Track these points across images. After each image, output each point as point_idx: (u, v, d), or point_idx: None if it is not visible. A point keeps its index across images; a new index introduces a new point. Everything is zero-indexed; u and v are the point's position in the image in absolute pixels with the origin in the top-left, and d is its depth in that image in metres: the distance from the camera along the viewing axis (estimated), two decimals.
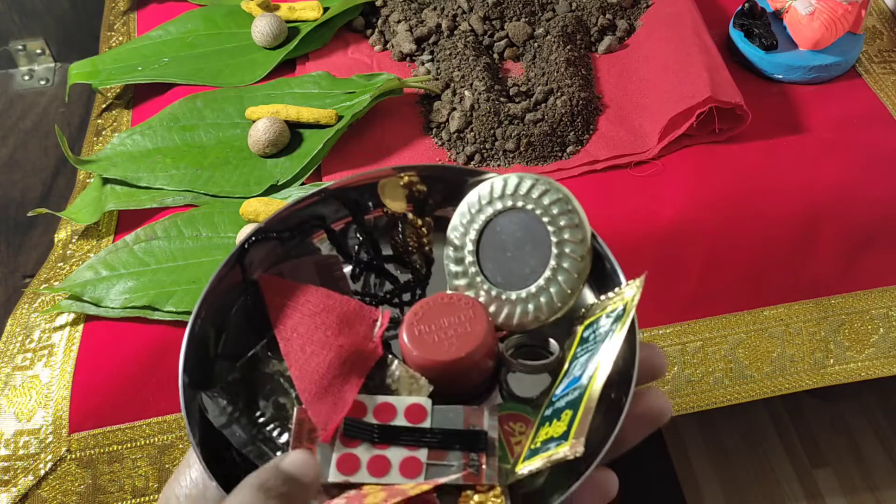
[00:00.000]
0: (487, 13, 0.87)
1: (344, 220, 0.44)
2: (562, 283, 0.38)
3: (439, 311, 0.38)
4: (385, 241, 0.44)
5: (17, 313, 0.72)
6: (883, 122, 0.78)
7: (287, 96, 0.82)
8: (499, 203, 0.40)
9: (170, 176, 0.76)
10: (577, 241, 0.39)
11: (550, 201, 0.39)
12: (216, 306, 0.40)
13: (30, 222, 1.06)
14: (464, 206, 0.41)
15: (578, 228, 0.39)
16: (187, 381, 0.37)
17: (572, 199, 0.39)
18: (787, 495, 0.93)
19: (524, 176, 0.40)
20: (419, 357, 0.37)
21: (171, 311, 0.67)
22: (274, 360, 0.39)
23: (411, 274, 0.43)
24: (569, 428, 0.33)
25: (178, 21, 0.92)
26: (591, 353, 0.35)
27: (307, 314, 0.39)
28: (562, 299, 0.38)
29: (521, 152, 0.76)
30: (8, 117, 1.20)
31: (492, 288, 0.39)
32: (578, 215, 0.39)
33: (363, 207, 0.43)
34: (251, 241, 0.40)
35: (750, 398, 0.73)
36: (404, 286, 0.43)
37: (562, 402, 0.35)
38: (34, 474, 0.64)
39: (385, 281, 0.43)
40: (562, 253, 0.38)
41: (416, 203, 0.43)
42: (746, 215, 0.72)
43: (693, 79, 0.76)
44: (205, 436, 0.37)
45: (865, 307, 0.74)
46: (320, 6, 0.90)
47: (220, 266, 0.39)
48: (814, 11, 0.82)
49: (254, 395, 0.38)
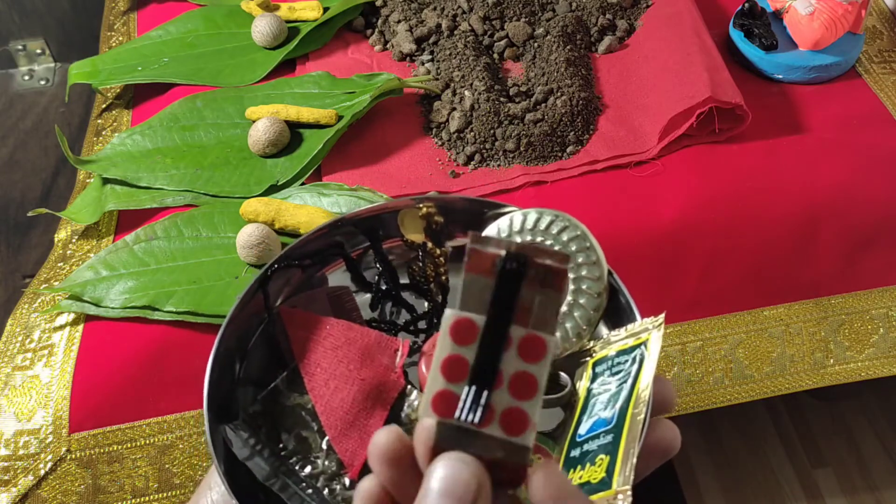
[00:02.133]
0: (487, 13, 0.87)
1: (361, 248, 0.44)
2: (577, 319, 0.38)
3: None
4: (402, 270, 0.44)
5: (17, 313, 0.72)
6: (883, 122, 0.78)
7: (287, 96, 0.82)
8: (517, 238, 0.40)
9: (170, 176, 0.76)
10: (595, 278, 0.39)
11: (569, 238, 0.39)
12: (238, 334, 0.40)
13: (30, 222, 1.06)
14: None
15: (596, 266, 0.39)
16: (211, 415, 0.37)
17: (590, 236, 0.40)
18: (787, 495, 0.92)
19: (544, 212, 0.40)
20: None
21: (171, 311, 0.67)
22: (295, 394, 0.39)
23: (428, 302, 0.44)
24: (608, 475, 0.32)
25: (178, 21, 0.92)
26: (612, 394, 0.35)
27: (329, 348, 0.39)
28: (577, 334, 0.39)
29: (521, 152, 0.76)
30: (8, 117, 1.20)
31: None
32: (596, 252, 0.39)
33: (381, 236, 0.44)
34: (274, 268, 0.40)
35: (750, 398, 0.73)
36: (421, 315, 0.43)
37: (592, 444, 0.34)
38: (34, 474, 0.64)
39: (402, 309, 0.44)
40: (578, 289, 0.39)
41: (434, 233, 0.43)
42: (746, 215, 0.72)
43: (693, 79, 0.76)
44: (227, 463, 0.37)
45: (865, 307, 0.74)
46: (320, 6, 0.90)
47: (242, 293, 0.40)
48: (814, 11, 0.82)
49: (275, 429, 0.38)
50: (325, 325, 0.40)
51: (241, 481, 0.37)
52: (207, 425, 0.37)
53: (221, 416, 0.38)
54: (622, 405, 0.34)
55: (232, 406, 0.39)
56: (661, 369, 0.72)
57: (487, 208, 0.42)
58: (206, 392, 0.37)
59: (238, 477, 0.37)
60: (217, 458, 0.36)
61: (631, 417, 0.34)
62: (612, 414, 0.35)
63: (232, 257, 0.70)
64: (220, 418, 0.38)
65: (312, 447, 0.38)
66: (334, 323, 0.40)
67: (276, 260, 0.41)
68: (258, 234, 0.68)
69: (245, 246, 0.68)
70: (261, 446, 0.37)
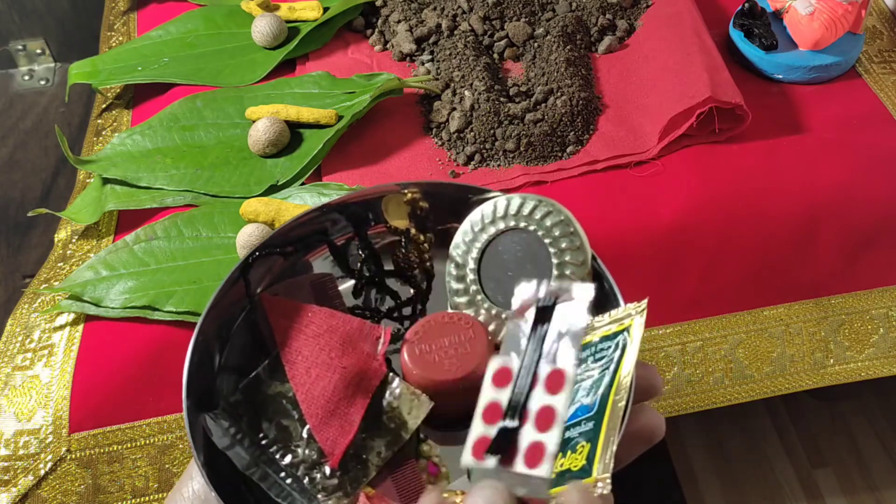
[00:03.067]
0: (487, 13, 0.87)
1: (346, 235, 0.44)
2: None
3: (440, 331, 0.38)
4: (387, 257, 0.44)
5: (17, 313, 0.72)
6: (883, 122, 0.78)
7: (287, 96, 0.82)
8: (501, 223, 0.40)
9: (170, 176, 0.76)
10: (578, 263, 0.39)
11: (552, 223, 0.39)
12: (219, 322, 0.40)
13: (30, 222, 1.06)
14: (467, 224, 0.41)
15: (579, 251, 0.39)
16: (190, 403, 0.37)
17: (574, 221, 0.39)
18: (787, 495, 0.93)
19: (527, 197, 0.40)
20: (419, 376, 0.38)
21: (171, 311, 0.67)
22: (276, 382, 0.39)
23: (412, 289, 0.43)
24: (588, 463, 0.33)
25: (178, 21, 0.92)
26: (595, 380, 0.35)
27: (311, 335, 0.39)
28: None
29: (521, 152, 0.76)
30: (8, 117, 1.20)
31: (492, 307, 0.40)
32: (580, 238, 0.39)
33: (366, 222, 0.44)
34: (255, 255, 0.40)
35: (750, 398, 0.73)
36: (405, 301, 0.43)
37: (573, 431, 0.35)
38: (34, 474, 0.64)
39: (386, 296, 0.44)
40: (562, 275, 0.39)
41: (418, 219, 0.43)
42: (746, 215, 0.72)
43: (693, 79, 0.76)
44: (208, 453, 0.37)
45: (865, 307, 0.74)
46: (320, 6, 0.90)
47: (223, 282, 0.40)
48: (814, 11, 0.82)
49: (256, 417, 0.38)
50: (307, 312, 0.40)
51: (221, 471, 0.37)
52: (186, 415, 0.36)
53: (201, 405, 0.38)
54: (604, 392, 0.35)
55: (213, 395, 0.39)
56: (661, 369, 0.72)
57: (472, 193, 0.42)
58: (186, 380, 0.37)
59: (218, 467, 0.37)
60: (196, 448, 0.36)
61: (612, 404, 0.34)
62: (593, 401, 0.35)
63: (232, 257, 0.70)
64: (200, 407, 0.38)
65: (293, 436, 0.38)
66: (316, 310, 0.40)
67: (257, 248, 0.41)
68: (258, 234, 0.68)
69: (245, 246, 0.68)
70: (241, 435, 0.37)
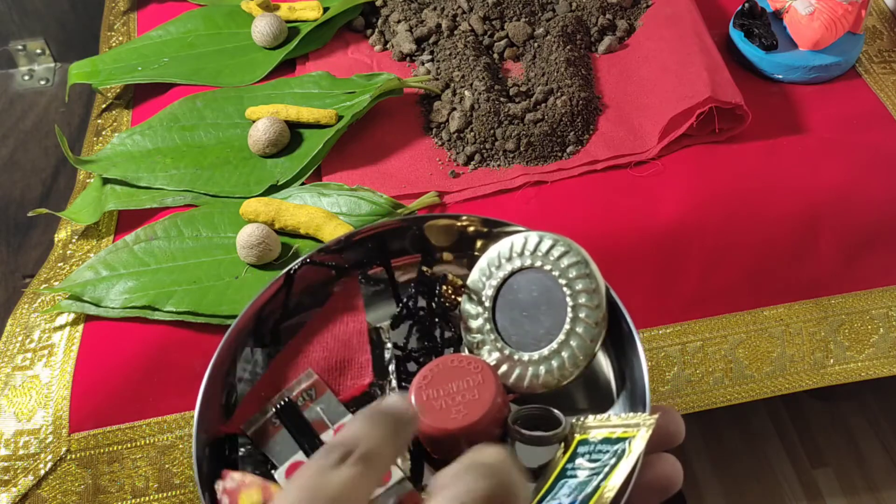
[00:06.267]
0: (487, 13, 0.87)
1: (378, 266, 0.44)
2: (574, 349, 0.38)
3: (448, 375, 0.38)
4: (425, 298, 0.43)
5: (17, 313, 0.72)
6: (883, 122, 0.78)
7: (287, 96, 0.82)
8: (518, 261, 0.40)
9: (170, 176, 0.76)
10: (593, 306, 0.38)
11: (569, 263, 0.39)
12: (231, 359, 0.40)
13: (30, 222, 1.06)
14: (483, 261, 0.41)
15: (595, 294, 0.38)
16: (203, 455, 0.36)
17: (591, 263, 0.39)
18: (787, 495, 0.92)
19: (544, 235, 0.40)
20: (425, 424, 0.37)
21: (171, 311, 0.67)
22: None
23: (447, 332, 0.43)
24: None
25: (178, 21, 0.92)
26: (581, 482, 0.34)
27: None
28: (573, 365, 0.38)
29: (521, 152, 0.76)
30: (8, 117, 1.20)
31: (505, 347, 0.39)
32: (596, 280, 0.38)
33: (428, 253, 0.43)
34: (297, 268, 0.41)
35: (750, 398, 0.73)
36: (446, 342, 0.43)
37: None
38: (34, 474, 0.64)
39: (425, 337, 0.43)
40: (576, 317, 0.38)
41: (454, 290, 0.42)
42: (746, 215, 0.72)
43: (693, 79, 0.76)
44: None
45: (865, 307, 0.74)
46: (320, 6, 0.90)
47: (267, 286, 0.40)
48: (814, 11, 0.82)
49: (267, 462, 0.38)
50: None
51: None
52: (197, 471, 0.35)
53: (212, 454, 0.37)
54: (583, 499, 0.32)
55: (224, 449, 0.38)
56: (662, 369, 0.72)
57: (495, 227, 0.42)
58: (196, 424, 0.36)
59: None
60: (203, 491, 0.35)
61: None
62: (573, 501, 0.33)
63: (232, 257, 0.70)
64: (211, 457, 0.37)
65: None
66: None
67: (306, 257, 0.41)
68: (258, 234, 0.68)
69: (245, 246, 0.68)
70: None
